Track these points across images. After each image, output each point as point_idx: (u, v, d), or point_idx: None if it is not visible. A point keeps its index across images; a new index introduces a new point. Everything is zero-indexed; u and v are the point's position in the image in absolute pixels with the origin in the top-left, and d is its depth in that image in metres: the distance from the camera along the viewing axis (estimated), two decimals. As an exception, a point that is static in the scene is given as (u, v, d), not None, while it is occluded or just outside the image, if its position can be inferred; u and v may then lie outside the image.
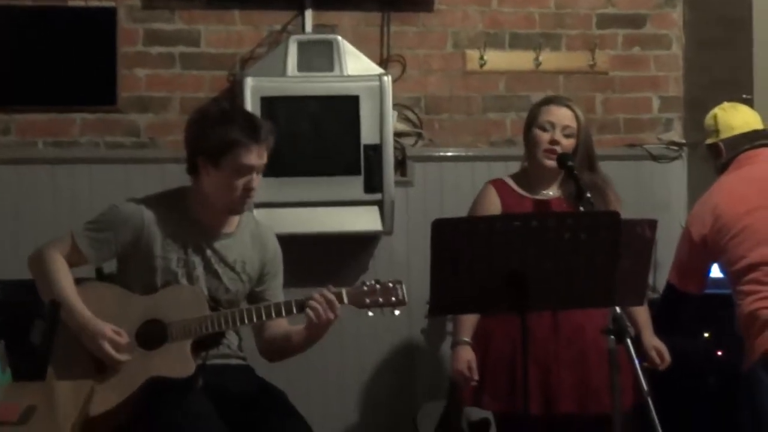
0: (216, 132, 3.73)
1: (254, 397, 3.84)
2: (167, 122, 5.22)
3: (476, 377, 4.01)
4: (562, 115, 4.17)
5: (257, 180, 3.79)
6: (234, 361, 3.95)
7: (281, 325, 3.91)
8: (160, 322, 3.73)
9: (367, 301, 3.74)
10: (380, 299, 3.74)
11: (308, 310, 3.70)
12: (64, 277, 3.76)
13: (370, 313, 3.76)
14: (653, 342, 4.19)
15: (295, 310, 3.74)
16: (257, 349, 3.99)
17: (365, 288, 3.75)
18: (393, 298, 3.74)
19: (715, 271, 5.17)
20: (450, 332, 5.04)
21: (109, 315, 3.72)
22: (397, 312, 3.76)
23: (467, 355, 4.04)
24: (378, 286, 3.75)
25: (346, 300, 3.73)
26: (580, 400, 3.99)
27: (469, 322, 4.08)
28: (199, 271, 3.83)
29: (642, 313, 4.21)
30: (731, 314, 4.90)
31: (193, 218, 3.85)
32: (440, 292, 3.29)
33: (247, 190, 3.77)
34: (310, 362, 4.96)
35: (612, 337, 3.48)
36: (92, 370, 3.71)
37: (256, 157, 3.74)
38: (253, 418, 3.76)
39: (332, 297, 3.70)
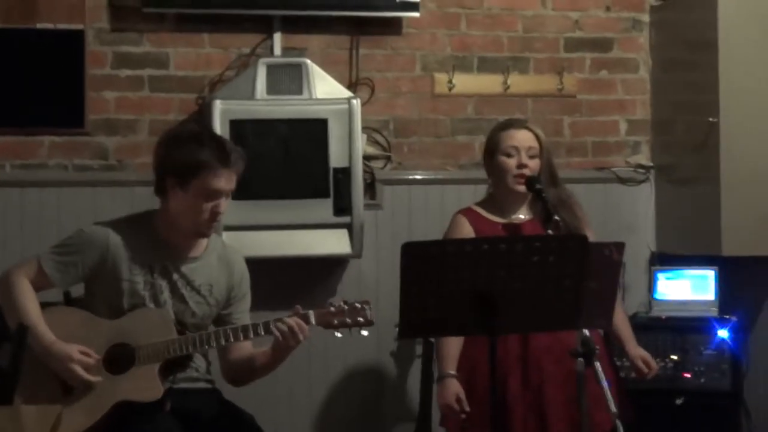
0: (186, 154, 3.73)
1: (222, 421, 3.83)
2: (136, 145, 5.20)
3: (467, 409, 4.00)
4: (523, 138, 4.18)
5: (225, 204, 3.79)
6: (202, 385, 3.94)
7: (246, 348, 3.91)
8: (128, 346, 3.72)
9: (335, 322, 3.75)
10: (348, 320, 3.74)
11: (275, 331, 3.69)
12: (30, 302, 3.74)
13: (338, 334, 3.77)
14: (639, 352, 4.22)
15: (262, 332, 3.73)
16: (221, 373, 3.98)
17: (332, 309, 3.75)
18: (360, 319, 3.75)
19: (684, 295, 5.23)
20: (419, 355, 5.06)
21: (76, 339, 3.71)
22: (364, 333, 3.77)
23: (454, 388, 4.02)
24: (345, 306, 3.76)
25: (313, 321, 3.73)
26: (569, 421, 3.98)
27: (453, 354, 4.05)
28: (166, 294, 3.82)
29: (625, 327, 4.26)
30: (698, 338, 4.94)
31: (160, 241, 3.84)
32: (409, 315, 3.29)
33: (215, 213, 3.76)
34: (278, 385, 4.96)
35: (580, 359, 3.50)
36: (59, 395, 3.69)
37: (225, 181, 3.74)
38: (222, 441, 3.75)
39: (300, 321, 3.70)
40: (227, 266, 3.95)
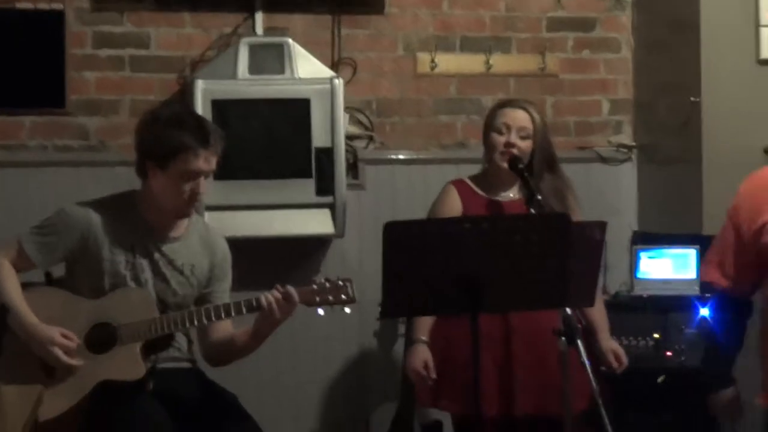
0: (165, 135, 3.72)
1: (205, 401, 3.83)
2: (117, 125, 5.19)
3: (433, 376, 4.01)
4: (517, 118, 4.19)
5: (205, 185, 3.78)
6: (184, 365, 3.94)
7: (226, 329, 3.90)
8: (109, 326, 3.71)
9: (317, 299, 3.75)
10: (330, 297, 3.74)
11: (263, 300, 3.69)
12: (10, 283, 3.74)
13: (321, 312, 3.77)
14: (610, 345, 4.22)
15: (245, 310, 3.73)
16: (200, 353, 3.98)
17: (315, 286, 3.75)
18: (343, 296, 3.75)
19: (666, 274, 5.24)
20: (402, 334, 5.06)
21: (57, 319, 3.70)
22: (347, 310, 3.77)
23: (424, 354, 4.03)
24: (327, 284, 3.76)
25: (296, 297, 3.72)
26: (538, 401, 4.00)
27: (426, 321, 4.08)
28: (147, 274, 3.81)
29: (598, 316, 4.24)
30: (679, 317, 4.96)
31: (141, 221, 3.84)
32: (392, 295, 3.30)
33: (194, 194, 3.76)
34: (261, 365, 4.95)
35: (563, 338, 3.51)
36: (41, 376, 3.68)
37: (204, 162, 3.73)
38: (205, 421, 3.75)
39: (289, 290, 3.69)
40: (209, 246, 3.95)
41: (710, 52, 5.02)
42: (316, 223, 5.06)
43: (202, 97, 4.90)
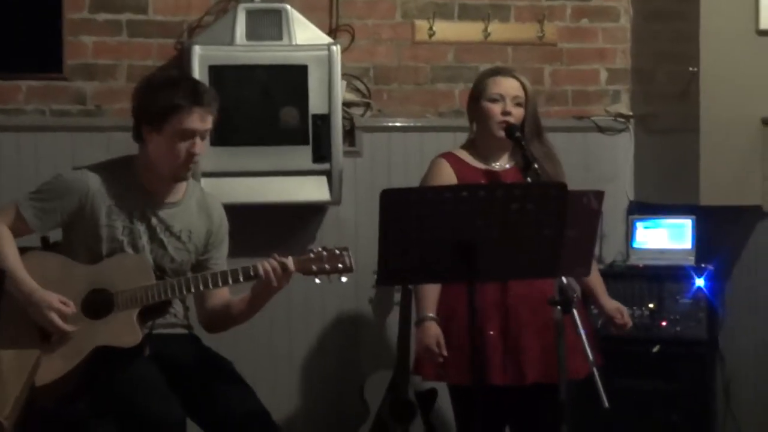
0: (159, 97, 3.74)
1: (201, 366, 3.85)
2: (114, 90, 5.17)
3: (444, 353, 4.01)
4: (510, 86, 4.17)
5: (201, 146, 3.78)
6: (180, 330, 3.96)
7: (223, 296, 3.91)
8: (106, 291, 3.72)
9: (314, 268, 3.75)
10: (327, 266, 3.75)
11: (260, 268, 3.69)
12: (8, 247, 3.74)
13: (317, 281, 3.77)
14: (613, 304, 4.26)
15: (242, 278, 3.73)
16: (198, 319, 3.99)
17: (312, 255, 3.76)
18: (340, 265, 3.76)
19: (662, 244, 5.25)
20: (397, 303, 5.07)
21: (54, 284, 3.70)
22: (344, 279, 3.78)
23: (435, 331, 4.01)
24: (325, 253, 3.76)
25: (292, 267, 3.73)
26: (544, 369, 3.99)
27: (433, 297, 4.05)
28: (144, 239, 3.82)
29: (597, 281, 4.28)
30: (674, 287, 4.97)
31: (138, 186, 3.84)
32: (388, 262, 3.30)
33: (191, 155, 3.76)
34: (256, 332, 4.97)
35: (558, 307, 3.51)
36: (37, 340, 3.69)
37: (199, 120, 3.73)
38: (200, 386, 3.77)
39: (286, 260, 3.70)
40: (206, 212, 3.95)
41: (709, 21, 5.00)
42: (313, 190, 5.06)
43: (200, 62, 4.88)
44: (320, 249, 3.77)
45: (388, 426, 4.99)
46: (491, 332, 4.01)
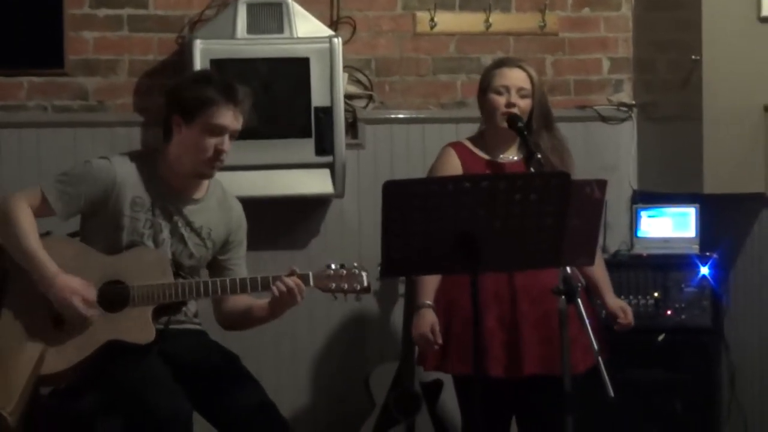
0: (192, 90, 3.75)
1: (208, 361, 3.85)
2: (115, 85, 5.17)
3: (440, 341, 4.00)
4: (515, 77, 4.16)
5: (229, 144, 3.78)
6: (189, 326, 3.95)
7: (242, 299, 3.91)
8: (123, 284, 3.70)
9: (332, 286, 3.76)
10: (345, 285, 3.76)
11: (274, 290, 3.70)
12: (30, 228, 3.70)
13: (335, 297, 3.79)
14: (617, 303, 4.23)
15: (259, 288, 3.73)
16: (215, 318, 3.99)
17: (331, 272, 3.75)
18: (357, 285, 3.76)
19: (666, 233, 5.25)
20: (402, 294, 5.07)
21: (70, 271, 3.68)
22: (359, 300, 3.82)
23: (430, 318, 4.01)
24: (344, 271, 3.75)
25: (312, 283, 3.73)
26: (545, 361, 3.99)
27: (431, 285, 4.05)
28: (165, 234, 3.82)
29: (602, 276, 4.25)
30: (679, 275, 4.96)
31: (163, 181, 3.83)
32: (392, 254, 3.29)
33: (218, 152, 3.76)
34: (261, 326, 4.95)
35: (562, 297, 3.51)
36: (49, 327, 3.68)
37: (231, 118, 3.75)
38: (208, 380, 3.77)
39: (299, 281, 3.70)
40: (226, 211, 3.96)
41: (711, 9, 4.99)
42: (316, 182, 5.06)
43: (201, 56, 4.89)
44: (339, 266, 3.77)
45: (394, 418, 4.99)
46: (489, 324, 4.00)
